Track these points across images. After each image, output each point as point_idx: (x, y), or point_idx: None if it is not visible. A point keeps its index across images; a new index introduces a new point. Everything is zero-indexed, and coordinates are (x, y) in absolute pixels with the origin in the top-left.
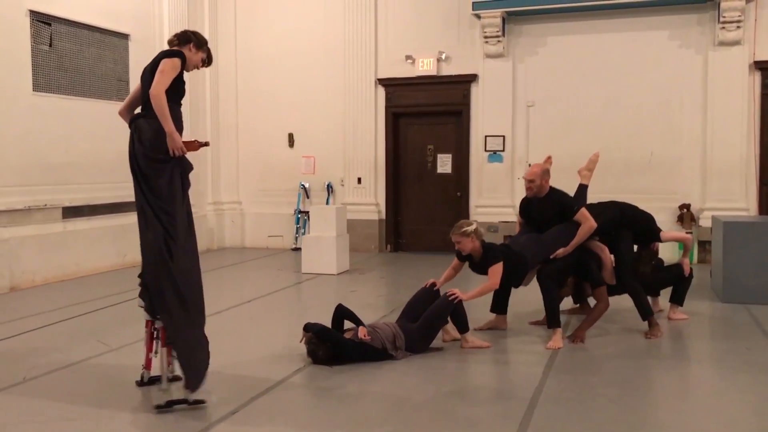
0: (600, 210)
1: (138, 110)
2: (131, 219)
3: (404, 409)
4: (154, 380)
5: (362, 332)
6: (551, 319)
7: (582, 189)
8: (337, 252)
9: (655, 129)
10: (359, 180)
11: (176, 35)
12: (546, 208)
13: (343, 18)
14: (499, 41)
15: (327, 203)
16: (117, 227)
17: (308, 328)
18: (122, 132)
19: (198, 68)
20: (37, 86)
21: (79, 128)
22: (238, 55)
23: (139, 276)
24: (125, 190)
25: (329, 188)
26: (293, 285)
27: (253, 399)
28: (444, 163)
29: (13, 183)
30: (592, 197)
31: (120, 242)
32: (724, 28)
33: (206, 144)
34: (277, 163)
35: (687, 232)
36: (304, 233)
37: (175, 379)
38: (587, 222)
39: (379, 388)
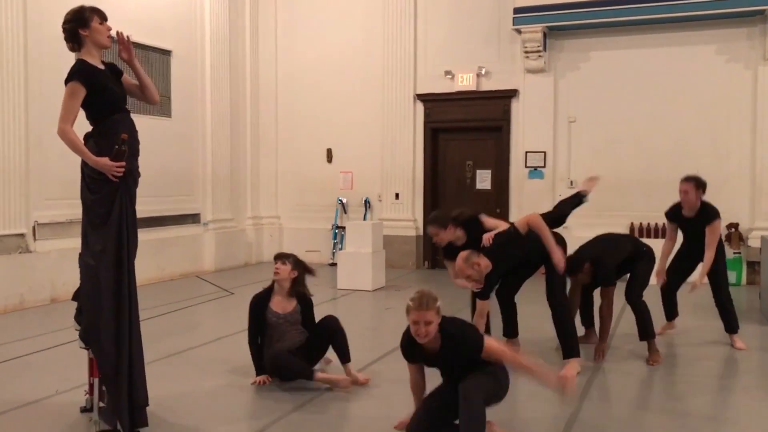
0: (616, 246)
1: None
2: (170, 233)
3: None
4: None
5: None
6: (570, 348)
7: (576, 198)
8: (373, 268)
9: (702, 146)
10: (397, 196)
11: (65, 20)
12: None
13: (383, 34)
14: (540, 56)
15: (365, 219)
16: (155, 241)
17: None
18: (163, 147)
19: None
20: None
21: None
22: (279, 70)
23: (74, 298)
24: (165, 204)
25: (367, 204)
26: (328, 301)
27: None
28: (483, 179)
29: (56, 196)
30: (629, 216)
31: (159, 256)
32: None
33: (123, 139)
34: (316, 178)
35: (735, 252)
36: (341, 248)
37: None
38: (529, 218)
39: None
